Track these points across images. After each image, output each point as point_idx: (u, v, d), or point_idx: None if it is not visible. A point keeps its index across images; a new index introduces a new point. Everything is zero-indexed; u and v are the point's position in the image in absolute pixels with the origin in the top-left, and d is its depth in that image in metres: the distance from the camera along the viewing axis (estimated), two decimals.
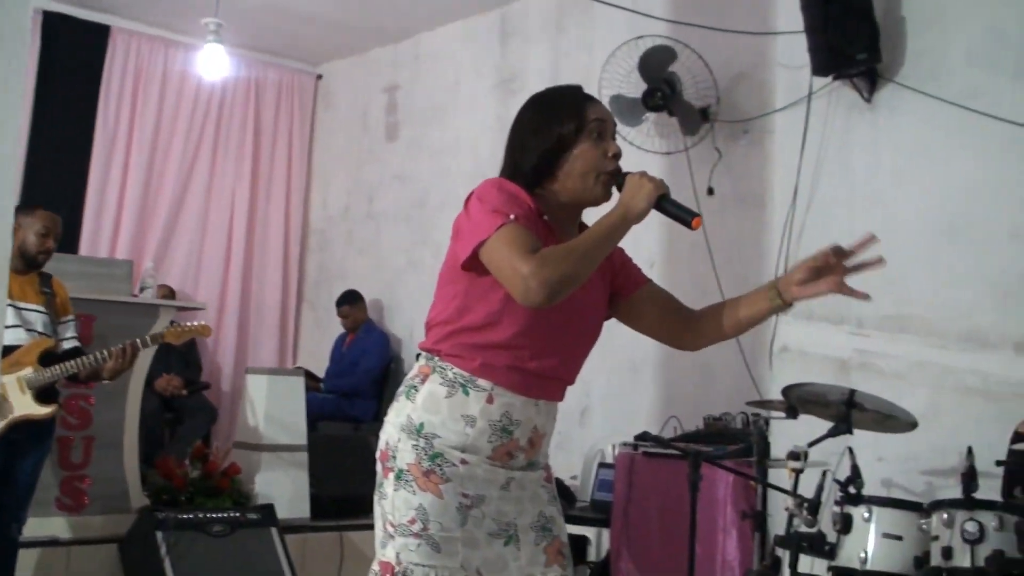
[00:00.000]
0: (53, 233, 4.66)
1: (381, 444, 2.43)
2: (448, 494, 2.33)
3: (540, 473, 2.51)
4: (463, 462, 2.35)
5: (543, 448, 2.51)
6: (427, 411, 2.37)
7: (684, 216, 2.41)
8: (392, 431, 2.40)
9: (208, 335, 5.02)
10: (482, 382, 2.37)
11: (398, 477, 2.35)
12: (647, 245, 6.58)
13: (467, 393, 2.36)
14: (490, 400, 2.37)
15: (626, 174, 2.44)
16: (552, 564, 2.46)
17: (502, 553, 2.41)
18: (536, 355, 2.39)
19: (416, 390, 2.40)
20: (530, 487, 2.47)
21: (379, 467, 2.42)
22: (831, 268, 2.52)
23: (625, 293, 2.64)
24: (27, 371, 4.51)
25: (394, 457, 2.37)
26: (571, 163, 2.45)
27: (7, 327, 4.49)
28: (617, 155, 2.48)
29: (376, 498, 2.41)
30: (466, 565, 2.35)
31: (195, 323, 4.94)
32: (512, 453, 2.41)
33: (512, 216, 2.30)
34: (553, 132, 2.45)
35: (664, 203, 2.40)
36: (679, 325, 2.68)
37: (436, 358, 2.41)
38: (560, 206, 2.47)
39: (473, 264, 2.34)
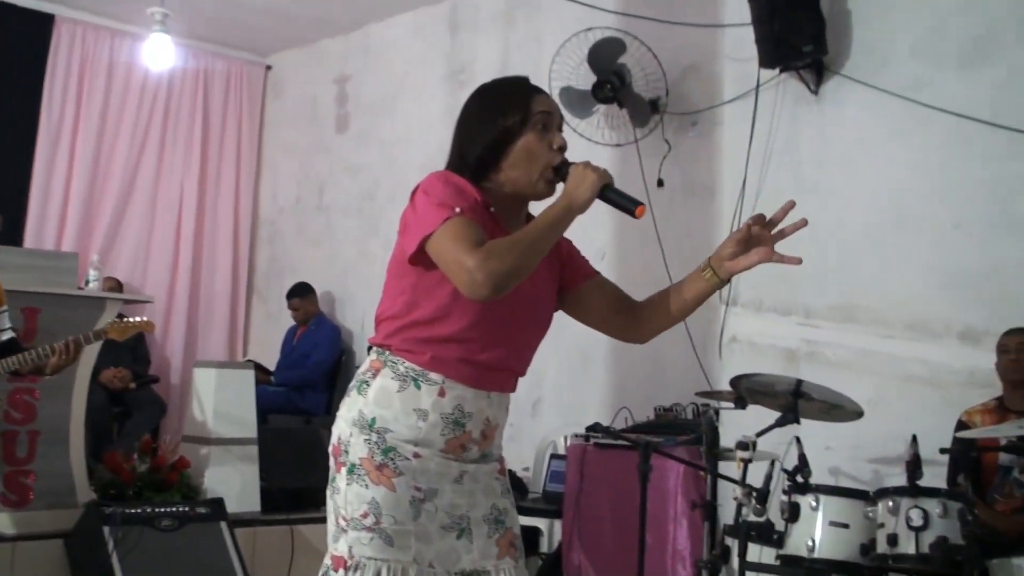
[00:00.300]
0: None
1: (333, 439, 2.42)
2: (401, 488, 2.33)
3: (494, 465, 2.51)
4: (416, 455, 2.35)
5: (496, 440, 2.51)
6: (379, 406, 2.36)
7: (628, 205, 2.40)
8: (344, 426, 2.39)
9: (151, 331, 4.95)
10: (433, 375, 2.36)
11: (351, 471, 2.34)
12: (597, 236, 6.59)
13: (419, 387, 2.36)
14: (442, 393, 2.36)
15: (570, 164, 2.42)
16: (504, 556, 2.45)
17: (455, 546, 2.40)
18: (486, 347, 2.39)
19: (368, 385, 2.40)
20: (483, 479, 2.46)
21: (331, 462, 2.41)
22: (759, 239, 2.53)
23: (572, 285, 2.62)
24: None
25: (346, 452, 2.37)
26: (516, 154, 2.43)
27: None
28: (562, 147, 2.45)
29: (329, 492, 2.40)
30: (419, 559, 2.34)
31: (138, 319, 4.87)
32: (465, 446, 2.41)
33: (458, 209, 2.28)
34: (498, 123, 2.43)
35: (608, 192, 2.39)
36: (627, 318, 2.66)
37: (387, 352, 2.40)
38: (506, 197, 2.45)
39: (420, 258, 2.32)
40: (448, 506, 2.39)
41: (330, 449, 2.43)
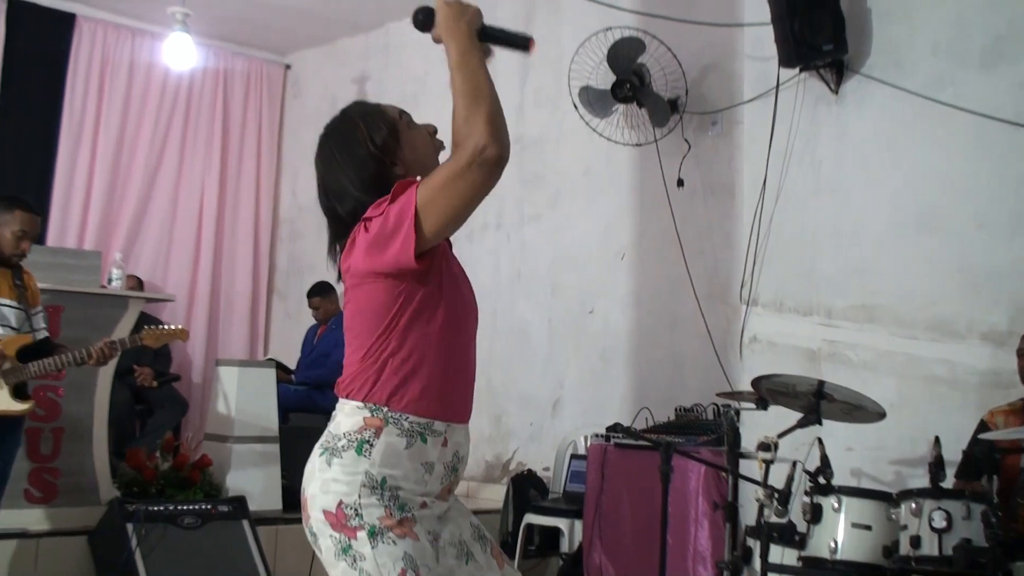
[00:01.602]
0: (30, 235, 4.63)
1: (326, 505, 2.26)
2: (422, 535, 2.27)
3: None
4: (423, 505, 2.31)
5: None
6: (387, 466, 2.26)
7: (518, 41, 2.34)
8: (345, 489, 2.25)
9: (186, 339, 5.01)
10: (438, 425, 2.31)
11: (371, 534, 2.22)
12: (618, 237, 6.61)
13: (425, 441, 2.30)
14: (444, 443, 2.33)
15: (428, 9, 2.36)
16: (503, 566, 2.46)
17: (469, 571, 2.39)
18: (467, 375, 2.41)
19: (370, 445, 2.26)
20: (454, 505, 2.45)
21: (330, 532, 2.26)
22: None
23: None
24: (5, 366, 4.49)
25: (358, 515, 2.23)
26: (412, 153, 2.42)
27: None
28: (436, 130, 2.51)
29: (344, 566, 2.25)
30: None
31: (174, 326, 4.92)
32: (451, 489, 2.41)
33: (417, 180, 2.28)
34: (368, 148, 2.41)
35: (492, 32, 2.32)
36: None
37: (385, 409, 2.29)
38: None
39: (424, 243, 2.21)
40: (448, 537, 2.38)
41: (319, 516, 2.28)
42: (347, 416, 2.33)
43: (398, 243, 2.22)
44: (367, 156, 2.40)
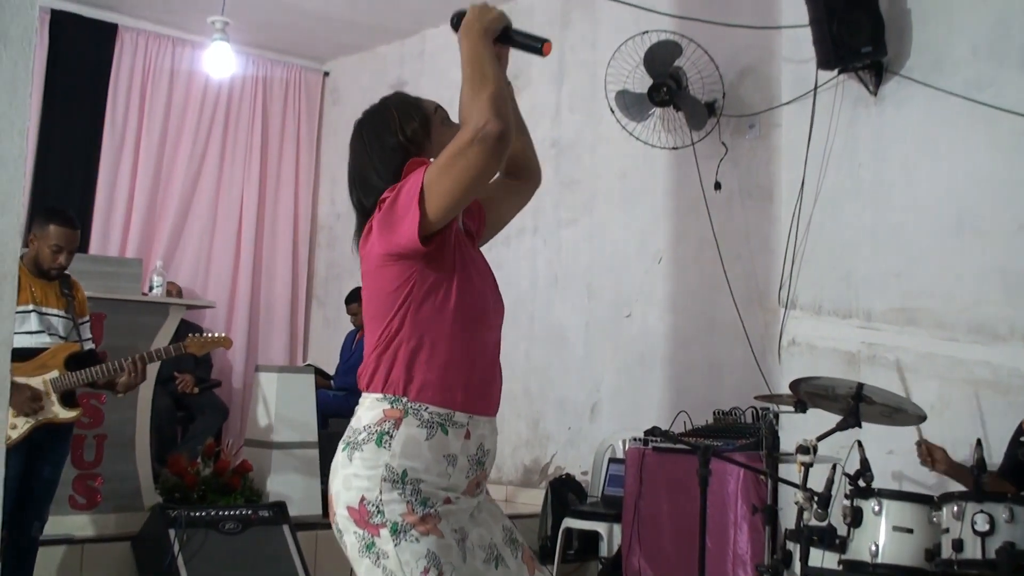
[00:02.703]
0: (67, 250, 4.67)
1: (349, 501, 2.26)
2: (447, 532, 2.25)
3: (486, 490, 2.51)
4: (447, 500, 2.28)
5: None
6: (407, 457, 2.24)
7: (534, 44, 2.40)
8: (366, 484, 2.24)
9: (229, 347, 5.05)
10: (459, 416, 2.30)
11: (394, 531, 2.20)
12: (654, 241, 6.60)
13: (446, 432, 2.28)
14: (467, 435, 2.32)
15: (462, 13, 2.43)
16: (533, 572, 2.44)
17: (497, 574, 2.37)
18: (490, 367, 2.41)
19: (390, 436, 2.25)
20: (486, 507, 2.44)
21: (354, 528, 2.25)
22: None
23: (489, 222, 2.65)
24: (53, 374, 4.55)
25: (379, 512, 2.22)
26: (440, 147, 2.35)
27: (32, 332, 4.54)
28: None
29: (368, 563, 2.23)
30: None
31: (218, 334, 4.96)
32: (480, 483, 2.39)
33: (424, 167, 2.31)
34: (398, 139, 2.45)
35: (512, 35, 2.40)
36: (517, 180, 2.69)
37: (404, 399, 2.28)
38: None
39: (429, 224, 2.25)
40: (478, 539, 2.36)
41: (343, 512, 2.27)
42: (367, 409, 2.33)
43: (405, 224, 2.25)
44: (396, 145, 2.43)
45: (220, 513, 5.43)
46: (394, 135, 2.43)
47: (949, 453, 4.13)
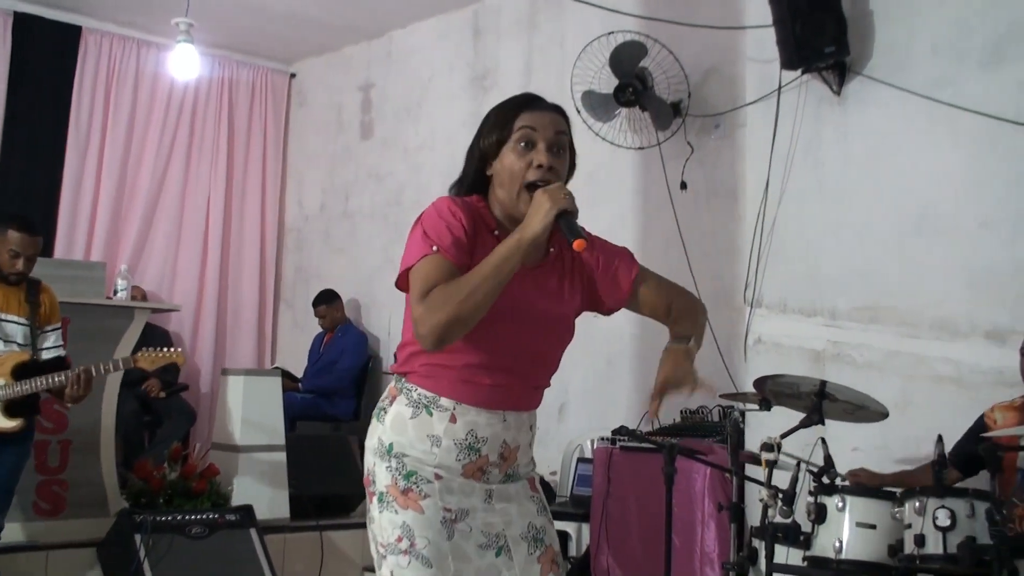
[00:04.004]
0: (24, 255, 4.60)
1: (365, 470, 2.45)
2: (430, 510, 2.34)
3: (523, 483, 2.50)
4: (437, 476, 2.36)
5: (519, 460, 2.48)
6: (395, 432, 2.39)
7: (568, 236, 2.31)
8: (369, 456, 2.43)
9: (183, 362, 4.90)
10: (444, 401, 2.37)
11: (380, 499, 2.37)
12: (621, 240, 6.57)
13: (430, 413, 2.37)
14: (453, 419, 2.37)
15: (539, 187, 2.36)
16: (547, 574, 2.45)
17: (495, 563, 2.39)
18: (497, 370, 2.39)
19: (385, 412, 2.43)
20: (515, 498, 2.46)
21: (367, 493, 2.44)
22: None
23: (614, 298, 2.63)
24: None
25: (374, 481, 2.40)
26: (499, 174, 2.43)
27: None
28: (543, 166, 2.39)
29: (367, 521, 2.43)
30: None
31: (171, 350, 4.83)
32: (484, 469, 2.41)
33: (435, 248, 2.30)
34: (479, 145, 2.46)
35: (560, 220, 2.31)
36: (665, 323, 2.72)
37: (403, 379, 2.43)
38: (509, 216, 2.43)
39: (406, 287, 2.36)
40: (482, 524, 2.40)
41: (364, 481, 2.46)
42: (388, 387, 2.50)
43: (401, 265, 2.36)
44: (473, 148, 2.50)
45: (186, 517, 5.40)
46: (476, 139, 2.49)
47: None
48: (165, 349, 4.76)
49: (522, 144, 2.41)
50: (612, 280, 2.61)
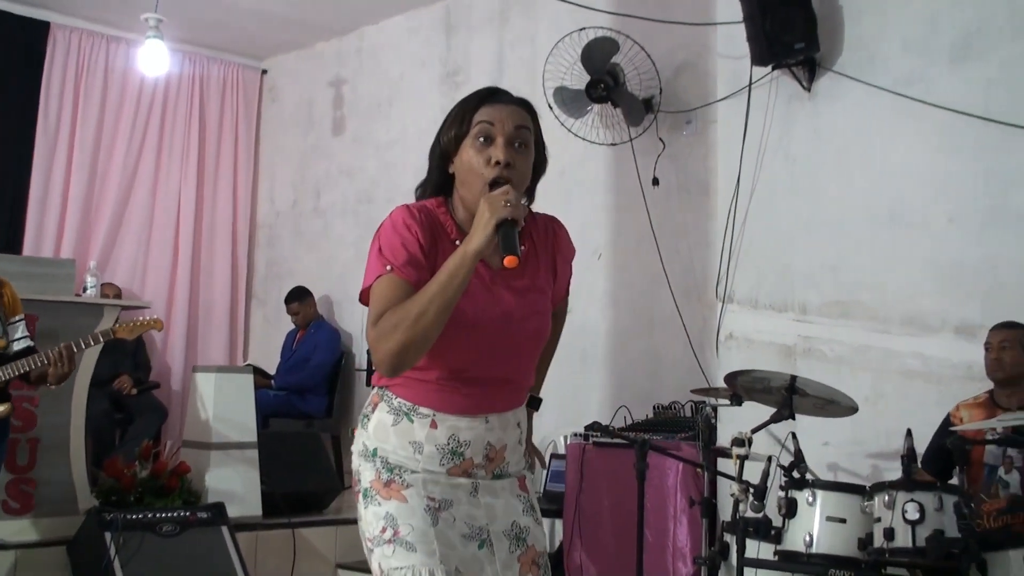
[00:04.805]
0: None
1: (353, 473, 2.44)
2: (413, 499, 2.32)
3: (512, 481, 2.45)
4: (423, 470, 2.35)
5: (507, 458, 2.43)
6: (378, 439, 2.38)
7: (502, 250, 2.17)
8: (355, 458, 2.42)
9: (160, 328, 4.89)
10: (423, 409, 2.34)
11: (365, 496, 2.36)
12: (594, 237, 6.62)
13: (411, 420, 2.35)
14: (433, 425, 2.34)
15: (497, 186, 2.26)
16: (527, 574, 2.40)
17: (477, 556, 2.35)
18: (475, 379, 2.34)
19: (368, 419, 2.41)
20: (502, 495, 2.42)
21: (355, 495, 2.43)
22: None
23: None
24: None
25: (359, 481, 2.39)
26: (460, 172, 2.35)
27: None
28: (500, 162, 2.29)
29: (358, 522, 2.41)
30: (445, 562, 2.27)
31: (147, 318, 4.85)
32: (469, 471, 2.38)
33: (388, 267, 2.24)
34: (439, 141, 2.39)
35: (500, 231, 2.18)
36: None
37: (385, 388, 2.40)
38: (470, 217, 2.30)
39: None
40: (466, 516, 2.36)
41: (351, 483, 2.46)
42: (371, 393, 2.48)
43: (363, 282, 2.32)
44: (436, 141, 2.42)
45: (157, 515, 5.36)
46: (437, 135, 2.41)
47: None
48: (143, 318, 4.75)
49: (480, 139, 2.32)
50: (557, 287, 2.56)
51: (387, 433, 2.36)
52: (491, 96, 2.39)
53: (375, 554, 2.31)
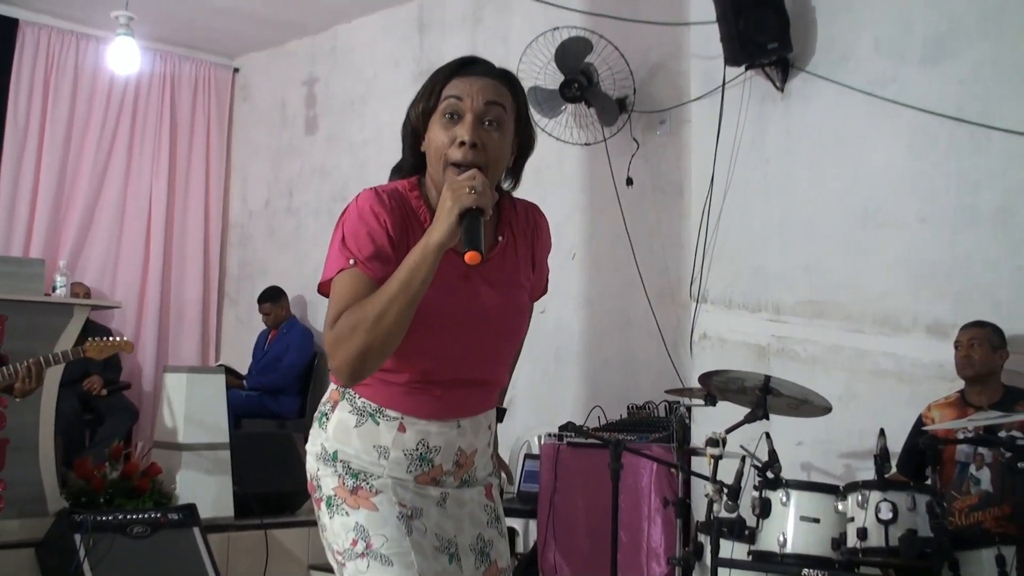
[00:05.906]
0: None
1: (309, 474, 2.24)
2: (383, 506, 2.14)
3: (479, 490, 2.31)
4: (388, 476, 2.18)
5: (477, 463, 2.28)
6: (338, 441, 2.19)
7: (464, 244, 1.96)
8: (311, 461, 2.22)
9: (131, 350, 4.89)
10: (391, 411, 2.16)
11: (328, 504, 2.17)
12: (568, 237, 6.61)
13: (377, 423, 2.17)
14: (402, 429, 2.16)
15: (462, 170, 2.06)
16: None
17: (447, 570, 2.19)
18: (449, 381, 2.18)
19: (327, 417, 2.22)
20: (468, 505, 2.28)
21: (313, 499, 2.23)
22: None
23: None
24: None
25: (319, 487, 2.19)
26: (427, 151, 2.15)
27: None
28: (465, 142, 2.09)
29: (320, 531, 2.22)
30: (424, 574, 2.11)
31: (118, 338, 4.82)
32: (438, 479, 2.22)
33: (352, 261, 2.05)
34: (409, 117, 2.20)
35: (463, 220, 1.97)
36: None
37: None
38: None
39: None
40: (435, 527, 2.20)
41: (308, 487, 2.25)
42: (328, 388, 2.28)
43: (323, 271, 2.14)
44: (406, 121, 2.22)
45: (128, 517, 5.32)
46: (408, 111, 2.21)
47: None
48: (114, 337, 4.73)
49: (447, 116, 2.11)
50: (536, 283, 2.41)
51: (349, 435, 2.18)
52: (464, 67, 2.18)
53: (347, 569, 2.12)
